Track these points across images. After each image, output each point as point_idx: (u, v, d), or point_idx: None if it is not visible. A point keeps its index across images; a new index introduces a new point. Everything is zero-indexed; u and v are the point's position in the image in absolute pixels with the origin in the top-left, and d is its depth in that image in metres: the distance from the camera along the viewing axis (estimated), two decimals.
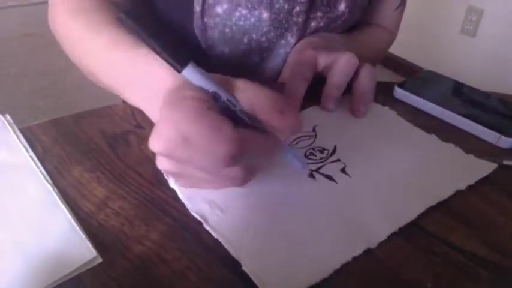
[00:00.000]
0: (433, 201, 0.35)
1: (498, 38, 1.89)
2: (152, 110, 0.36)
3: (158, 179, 0.36)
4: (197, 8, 0.53)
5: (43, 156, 0.38)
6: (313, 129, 0.43)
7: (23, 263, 0.29)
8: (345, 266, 0.29)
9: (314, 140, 0.42)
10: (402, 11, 0.69)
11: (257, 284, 0.28)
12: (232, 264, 0.29)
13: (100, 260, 0.29)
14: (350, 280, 0.29)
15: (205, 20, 0.54)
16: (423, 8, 2.10)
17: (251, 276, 0.28)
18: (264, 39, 0.57)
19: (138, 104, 0.38)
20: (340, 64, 0.46)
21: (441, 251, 0.31)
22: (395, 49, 2.18)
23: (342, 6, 0.57)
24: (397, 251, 0.31)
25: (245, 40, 0.56)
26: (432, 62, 2.09)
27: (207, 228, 0.31)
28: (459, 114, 0.45)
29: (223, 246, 0.30)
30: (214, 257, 0.30)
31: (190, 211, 0.33)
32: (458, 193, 0.36)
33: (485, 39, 1.95)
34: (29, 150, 0.38)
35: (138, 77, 0.37)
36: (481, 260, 0.31)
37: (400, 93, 0.49)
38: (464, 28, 2.00)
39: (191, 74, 0.31)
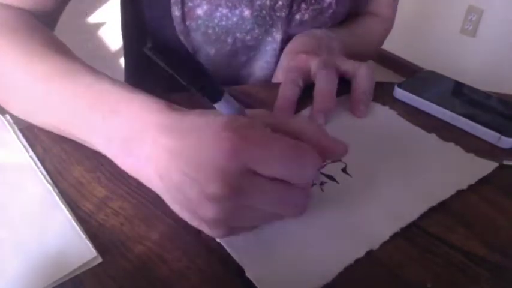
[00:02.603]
0: (434, 201, 0.35)
1: (498, 38, 1.89)
2: (123, 155, 0.32)
3: None
4: (176, 12, 0.52)
5: (43, 156, 0.38)
6: None
7: (23, 262, 0.29)
8: (346, 267, 0.29)
9: None
10: None
11: None
12: (233, 265, 0.29)
13: (100, 260, 0.29)
14: (350, 280, 0.29)
15: (187, 23, 0.54)
16: (423, 8, 2.10)
17: (255, 282, 0.28)
18: (249, 37, 0.56)
19: (99, 147, 0.34)
20: (319, 77, 0.45)
21: (441, 251, 0.31)
22: (395, 49, 2.19)
23: None
24: (397, 251, 0.31)
25: (229, 40, 0.56)
26: (432, 62, 2.08)
27: None
28: (459, 114, 0.45)
29: (223, 247, 0.30)
30: (214, 258, 0.30)
31: None
32: (459, 193, 0.36)
33: (485, 39, 1.95)
34: (29, 150, 0.38)
35: (101, 116, 0.33)
36: (481, 260, 0.31)
37: (400, 93, 0.49)
38: (464, 28, 2.00)
39: (224, 105, 0.29)
